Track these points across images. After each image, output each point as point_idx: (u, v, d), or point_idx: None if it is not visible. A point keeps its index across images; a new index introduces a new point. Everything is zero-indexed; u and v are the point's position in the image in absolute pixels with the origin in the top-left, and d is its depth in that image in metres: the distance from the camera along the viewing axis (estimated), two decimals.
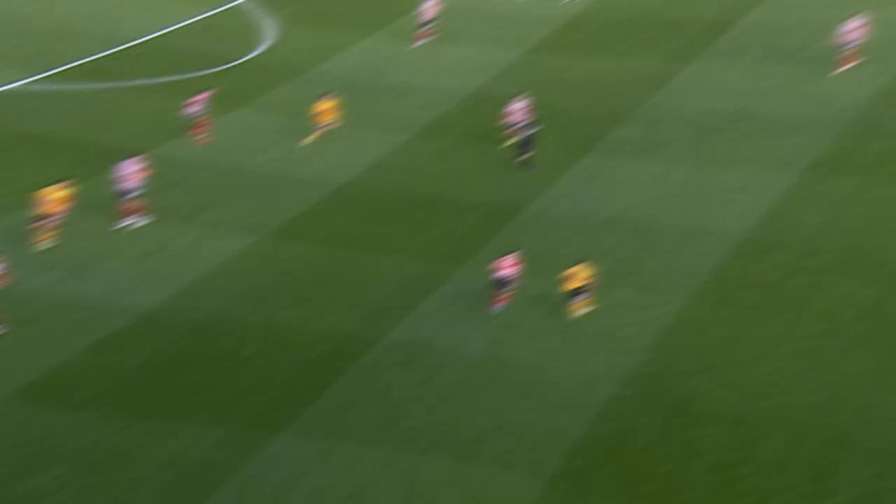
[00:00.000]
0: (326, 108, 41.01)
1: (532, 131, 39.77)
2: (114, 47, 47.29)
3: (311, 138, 40.88)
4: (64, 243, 34.81)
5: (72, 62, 45.70)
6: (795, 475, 26.34)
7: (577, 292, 31.96)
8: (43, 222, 34.32)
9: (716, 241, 36.12)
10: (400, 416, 28.38)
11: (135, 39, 48.12)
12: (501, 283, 32.41)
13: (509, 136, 40.71)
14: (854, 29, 44.74)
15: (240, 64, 47.74)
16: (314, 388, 29.34)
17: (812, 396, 28.96)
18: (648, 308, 32.78)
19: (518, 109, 40.73)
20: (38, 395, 28.76)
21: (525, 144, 39.81)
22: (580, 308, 32.25)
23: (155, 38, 48.63)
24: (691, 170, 40.50)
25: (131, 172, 35.94)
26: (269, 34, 50.33)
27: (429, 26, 49.38)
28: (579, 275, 31.82)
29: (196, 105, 40.61)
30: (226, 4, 52.17)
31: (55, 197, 34.24)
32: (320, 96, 41.42)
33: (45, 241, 34.71)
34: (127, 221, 35.92)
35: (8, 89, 42.90)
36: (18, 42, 46.50)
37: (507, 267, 32.44)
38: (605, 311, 32.50)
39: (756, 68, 47.11)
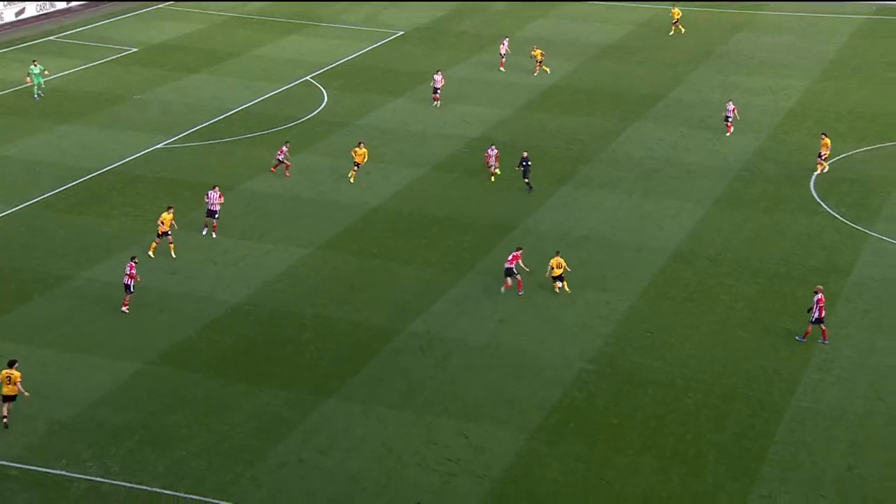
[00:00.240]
0: (361, 153, 41.10)
1: (528, 164, 40.44)
2: (221, 115, 48.09)
3: (351, 174, 41.06)
4: (181, 254, 35.16)
5: (194, 127, 46.58)
6: (702, 420, 27.34)
7: (558, 277, 33.02)
8: (161, 238, 34.88)
9: (656, 253, 36.31)
10: (419, 389, 28.51)
11: (235, 108, 48.91)
12: (509, 272, 32.99)
13: (491, 171, 41.42)
14: (730, 108, 47.17)
15: (303, 121, 48.07)
16: (353, 365, 29.49)
17: (716, 365, 29.77)
18: (609, 304, 32.94)
19: (493, 153, 41.37)
20: (169, 360, 29.47)
21: (526, 173, 40.51)
22: (563, 287, 33.19)
23: (247, 106, 49.32)
24: (638, 200, 40.64)
25: (215, 199, 36.25)
26: (324, 100, 50.67)
27: (438, 92, 49.57)
28: (559, 265, 33.09)
29: (281, 154, 41.05)
30: (295, 81, 52.71)
31: (166, 218, 34.65)
32: (357, 144, 41.62)
33: (158, 251, 34.99)
34: (204, 231, 36.41)
35: (155, 149, 43.83)
36: (164, 117, 47.86)
37: (513, 260, 33.00)
38: (579, 307, 32.69)
39: (679, 129, 47.69)
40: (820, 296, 30.39)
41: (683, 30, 62.39)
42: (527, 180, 40.83)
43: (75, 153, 43.71)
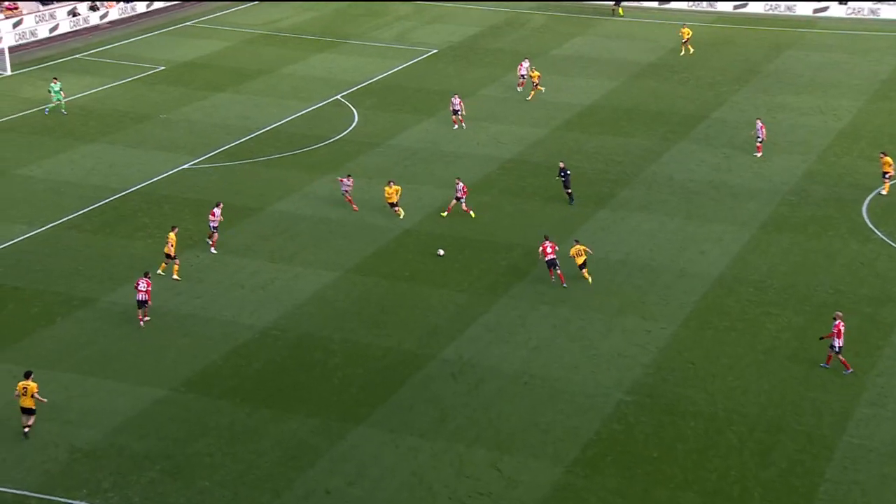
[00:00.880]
0: (393, 191, 39.74)
1: (566, 175, 41.55)
2: (249, 135, 48.68)
3: (398, 211, 40.04)
4: (207, 277, 35.56)
5: (222, 147, 47.20)
6: (747, 455, 27.05)
7: (582, 265, 34.97)
8: (169, 259, 35.35)
9: (698, 279, 36.14)
10: (450, 417, 28.54)
11: (263, 128, 49.49)
12: (552, 263, 34.68)
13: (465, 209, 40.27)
14: (759, 127, 47.00)
15: (334, 141, 48.51)
16: (383, 392, 29.59)
17: (761, 397, 29.50)
18: (648, 332, 32.81)
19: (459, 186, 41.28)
20: (193, 385, 29.76)
21: (566, 184, 41.60)
22: (587, 275, 35.17)
23: (276, 126, 49.86)
24: (680, 224, 40.51)
25: (218, 214, 37.00)
26: (354, 119, 51.12)
27: (457, 115, 49.56)
28: (579, 252, 35.05)
29: (345, 185, 40.22)
30: (325, 100, 53.20)
31: (172, 238, 34.98)
32: (387, 182, 40.41)
33: (180, 273, 35.46)
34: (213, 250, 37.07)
35: (181, 169, 44.42)
36: (190, 136, 48.50)
37: (551, 251, 34.73)
38: (616, 335, 32.59)
39: (722, 150, 47.54)
40: (839, 322, 30.14)
41: (692, 50, 61.79)
42: (569, 191, 41.57)
43: (101, 173, 44.39)
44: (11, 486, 25.52)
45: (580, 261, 35.13)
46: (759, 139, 46.77)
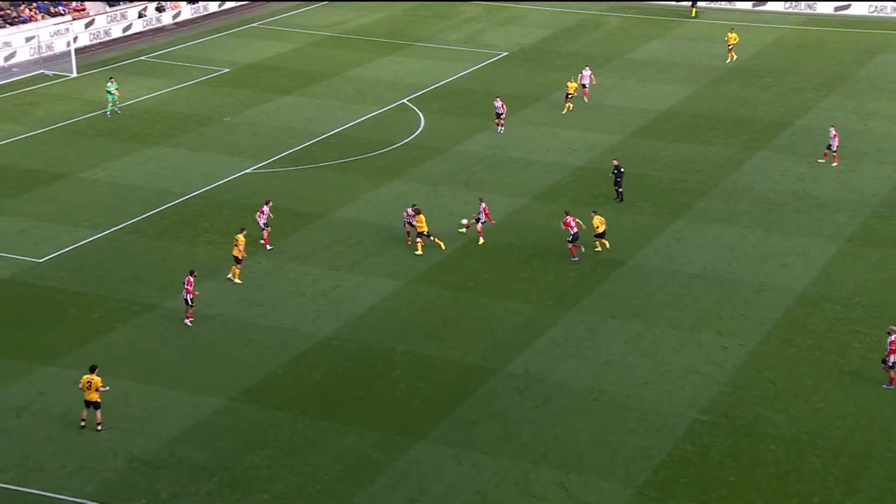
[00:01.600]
0: (420, 219, 37.76)
1: (621, 172, 42.09)
2: (313, 139, 49.29)
3: (419, 246, 39.20)
4: (267, 284, 36.07)
5: (285, 151, 47.85)
6: (832, 481, 26.46)
7: (601, 235, 37.44)
8: (239, 263, 36.03)
9: (780, 294, 35.56)
10: (515, 433, 28.46)
11: (327, 132, 50.09)
12: (576, 237, 37.12)
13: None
14: (833, 136, 46.20)
15: (399, 146, 48.84)
16: (446, 406, 29.65)
17: (847, 420, 28.87)
18: (726, 349, 32.38)
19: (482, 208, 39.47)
20: (253, 396, 30.13)
21: (618, 182, 42.30)
22: (602, 244, 37.83)
23: (341, 130, 50.45)
24: (760, 236, 39.91)
25: (266, 211, 38.24)
26: (421, 124, 51.42)
27: (500, 118, 49.37)
28: (601, 223, 37.59)
29: (408, 216, 38.95)
30: (391, 103, 53.62)
31: (241, 241, 35.76)
32: (412, 206, 38.84)
33: (243, 278, 36.04)
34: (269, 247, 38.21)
35: (243, 174, 45.08)
36: (254, 140, 49.26)
37: (573, 224, 37.24)
38: (691, 351, 32.23)
39: (807, 160, 46.68)
40: (893, 337, 29.39)
41: (736, 56, 60.54)
42: (620, 189, 42.01)
43: (163, 177, 45.30)
44: (70, 493, 26.13)
45: (601, 230, 37.75)
46: (832, 148, 45.96)
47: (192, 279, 33.03)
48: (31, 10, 62.51)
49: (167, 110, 53.19)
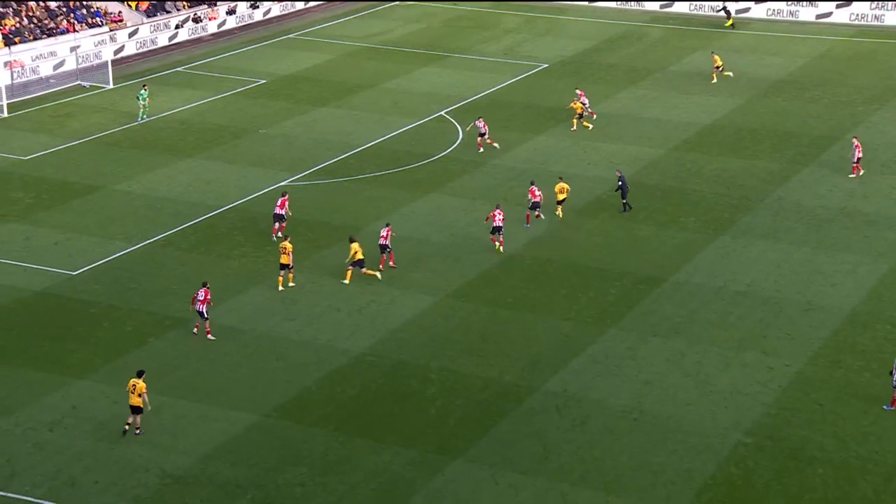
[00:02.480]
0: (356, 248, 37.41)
1: (625, 187, 42.59)
2: (350, 151, 49.62)
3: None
4: (302, 298, 36.25)
5: (321, 163, 48.15)
6: None
7: (561, 201, 41.27)
8: (285, 270, 36.84)
9: (828, 314, 35.20)
10: (554, 453, 28.35)
11: (364, 145, 50.39)
12: (535, 206, 41.01)
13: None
14: (855, 146, 45.74)
15: (437, 159, 48.98)
16: (483, 425, 29.59)
17: None
18: (771, 369, 32.08)
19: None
20: (287, 413, 30.27)
21: (623, 194, 42.74)
22: (560, 212, 41.47)
23: (377, 142, 50.74)
24: (808, 253, 39.54)
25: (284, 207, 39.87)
26: (459, 136, 51.53)
27: (483, 137, 48.11)
28: (563, 190, 41.52)
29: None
30: (429, 116, 53.78)
31: (288, 247, 36.47)
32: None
33: (284, 285, 36.30)
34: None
35: (279, 186, 45.03)
36: (289, 152, 49.60)
37: (537, 195, 40.78)
38: (735, 371, 31.97)
39: (857, 175, 46.16)
40: None
41: (727, 74, 58.87)
42: (624, 201, 42.28)
43: (197, 189, 45.75)
44: None
45: (561, 197, 41.47)
46: (854, 159, 45.49)
47: (207, 290, 33.29)
48: (68, 21, 63.48)
49: (203, 122, 53.75)
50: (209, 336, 33.67)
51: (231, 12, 71.37)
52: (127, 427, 28.90)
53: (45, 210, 43.50)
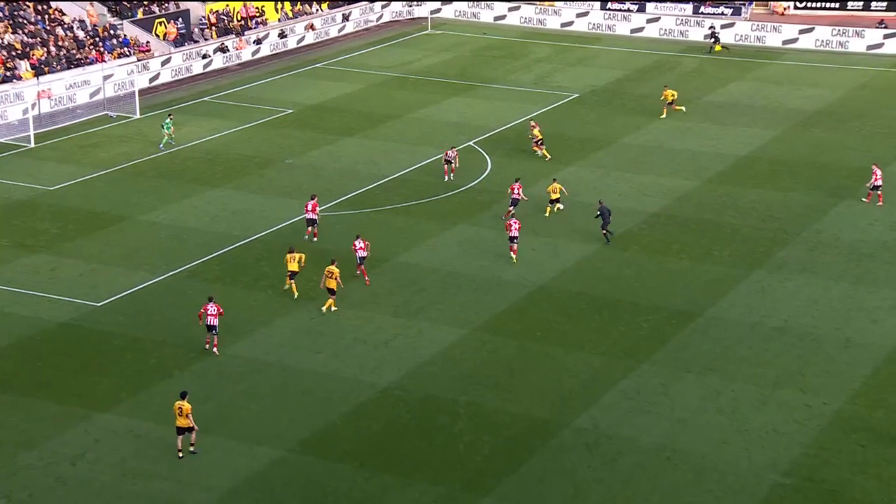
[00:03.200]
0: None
1: (605, 214, 42.56)
2: (377, 181, 49.92)
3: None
4: (328, 330, 36.37)
5: (348, 194, 48.41)
6: None
7: (556, 201, 44.50)
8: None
9: (868, 351, 34.84)
10: (584, 492, 28.15)
11: (391, 175, 50.68)
12: (514, 203, 43.06)
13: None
14: (876, 174, 45.87)
15: (466, 189, 49.10)
16: (511, 462, 29.44)
17: None
18: (809, 407, 31.74)
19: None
20: (311, 447, 30.26)
21: (604, 224, 42.79)
22: (558, 208, 44.21)
23: (405, 173, 51.01)
24: (847, 288, 39.22)
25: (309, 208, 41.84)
26: (487, 167, 51.66)
27: (450, 165, 49.36)
28: (555, 190, 43.80)
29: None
30: (458, 146, 53.64)
31: (335, 271, 37.23)
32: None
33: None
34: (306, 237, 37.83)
35: (303, 217, 44.45)
36: (316, 182, 49.81)
37: (518, 192, 43.17)
38: (771, 409, 31.66)
39: None
40: None
41: (678, 109, 58.13)
42: (604, 231, 42.70)
43: (223, 220, 46.09)
44: None
45: (554, 196, 44.22)
46: (872, 186, 45.51)
47: (217, 305, 34.30)
48: (97, 50, 64.43)
49: (229, 152, 54.24)
50: (215, 351, 34.31)
51: (258, 42, 72.16)
52: (181, 452, 29.40)
53: (70, 240, 43.96)
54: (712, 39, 72.45)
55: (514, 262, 40.27)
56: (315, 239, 42.78)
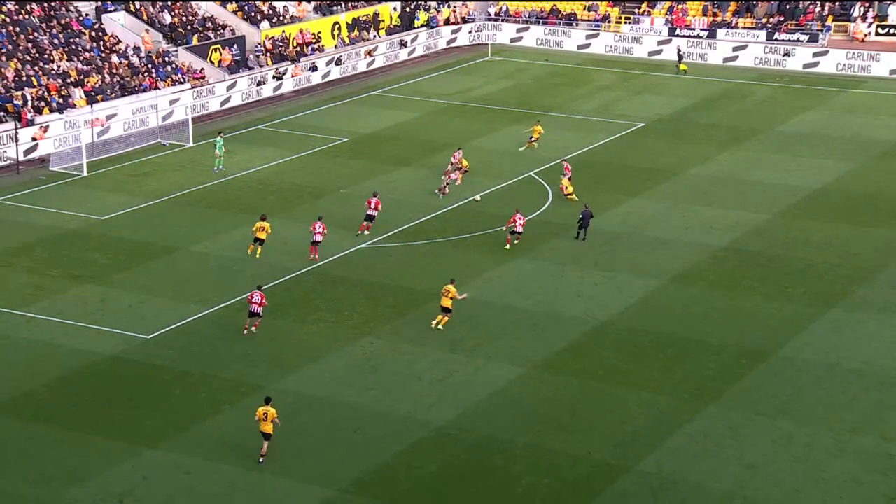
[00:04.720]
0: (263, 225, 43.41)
1: (587, 219, 45.67)
2: (433, 213, 50.09)
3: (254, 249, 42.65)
4: (381, 366, 36.48)
5: (404, 225, 48.61)
6: None
7: (569, 194, 48.05)
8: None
9: None
10: None
11: (448, 206, 50.83)
12: (515, 233, 44.88)
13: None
14: None
15: (525, 222, 48.96)
16: None
17: None
18: (892, 456, 31.08)
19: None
20: (364, 488, 30.24)
21: (583, 224, 45.96)
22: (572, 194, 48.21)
23: (462, 204, 51.15)
24: None
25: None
26: (549, 198, 51.60)
27: (447, 176, 50.89)
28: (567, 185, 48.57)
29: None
30: (517, 176, 53.90)
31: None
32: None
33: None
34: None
35: (359, 248, 45.78)
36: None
37: (520, 223, 44.77)
38: (850, 457, 31.04)
39: None
40: None
41: (532, 145, 58.19)
42: (580, 230, 45.78)
43: (276, 250, 46.49)
44: None
45: (569, 190, 48.94)
46: None
47: (262, 294, 37.23)
48: (151, 77, 65.69)
49: (282, 181, 54.82)
50: (254, 329, 37.65)
51: (314, 68, 73.06)
52: (262, 458, 30.74)
53: (121, 272, 44.61)
54: (678, 59, 72.95)
55: (507, 249, 44.63)
56: (366, 232, 45.49)
